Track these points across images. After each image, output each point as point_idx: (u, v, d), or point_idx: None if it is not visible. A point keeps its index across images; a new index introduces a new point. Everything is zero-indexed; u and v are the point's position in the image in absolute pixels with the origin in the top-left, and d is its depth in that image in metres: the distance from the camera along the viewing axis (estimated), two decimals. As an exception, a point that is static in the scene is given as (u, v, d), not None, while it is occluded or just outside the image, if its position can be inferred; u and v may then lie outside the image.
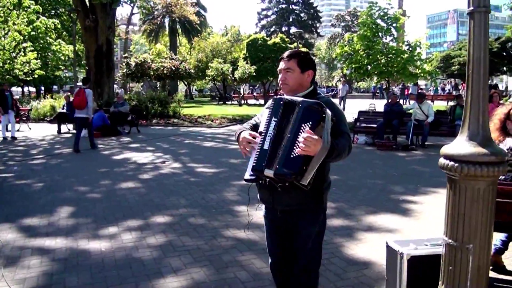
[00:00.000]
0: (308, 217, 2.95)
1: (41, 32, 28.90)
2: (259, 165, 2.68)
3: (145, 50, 67.64)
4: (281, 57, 3.04)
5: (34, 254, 4.99)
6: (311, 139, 2.50)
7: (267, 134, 2.71)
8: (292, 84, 2.94)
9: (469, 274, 2.81)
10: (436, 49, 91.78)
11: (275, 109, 2.76)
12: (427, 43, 20.36)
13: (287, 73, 2.94)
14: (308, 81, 2.98)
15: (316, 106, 2.62)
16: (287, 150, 2.59)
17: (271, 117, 2.74)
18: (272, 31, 68.32)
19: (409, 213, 6.49)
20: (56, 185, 8.45)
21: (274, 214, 3.01)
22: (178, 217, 6.28)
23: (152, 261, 4.72)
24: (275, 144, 2.66)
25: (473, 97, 2.84)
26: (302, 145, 2.51)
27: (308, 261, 3.02)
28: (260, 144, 2.71)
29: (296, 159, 2.56)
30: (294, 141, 2.58)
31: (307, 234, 2.97)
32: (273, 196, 2.90)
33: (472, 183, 2.77)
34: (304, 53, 3.05)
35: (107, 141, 15.20)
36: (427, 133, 12.80)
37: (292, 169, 2.56)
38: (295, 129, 2.60)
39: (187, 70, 35.94)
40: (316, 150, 2.54)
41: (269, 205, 3.02)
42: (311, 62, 3.02)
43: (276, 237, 3.13)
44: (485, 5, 2.75)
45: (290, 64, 2.94)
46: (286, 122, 2.67)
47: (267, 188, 2.89)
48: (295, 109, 2.65)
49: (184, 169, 10.00)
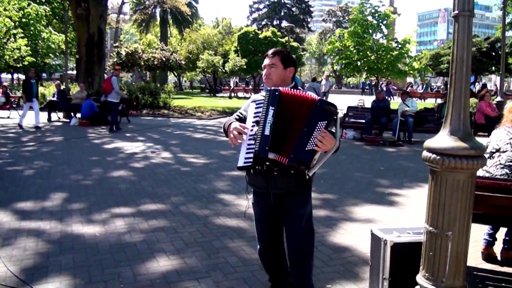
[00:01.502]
0: (300, 199, 3.16)
1: (32, 18, 28.77)
2: (262, 149, 2.83)
3: (135, 40, 67.33)
4: (265, 54, 3.27)
5: (29, 236, 5.12)
6: (329, 138, 2.77)
7: (266, 121, 2.86)
8: (276, 79, 3.16)
9: (448, 260, 3.00)
10: (427, 47, 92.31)
11: (271, 98, 2.91)
12: (415, 40, 20.57)
13: (271, 69, 3.18)
14: (290, 77, 3.22)
15: (332, 107, 2.87)
16: (302, 142, 2.79)
17: (268, 106, 2.90)
18: (263, 25, 68.38)
19: (393, 205, 6.71)
20: (48, 172, 8.55)
21: (267, 200, 3.15)
22: (170, 205, 6.43)
23: (145, 245, 4.87)
24: (278, 131, 2.84)
25: (455, 94, 3.03)
26: (319, 142, 2.75)
27: (302, 243, 3.21)
28: (261, 130, 2.86)
29: (310, 152, 2.79)
30: (310, 135, 2.79)
31: (301, 215, 3.16)
32: (268, 181, 3.06)
33: (453, 175, 2.96)
34: (287, 51, 3.31)
35: (97, 130, 15.26)
36: (412, 129, 13.02)
37: (306, 161, 2.80)
38: (311, 125, 2.80)
39: (178, 61, 35.96)
40: (330, 147, 2.80)
41: (263, 190, 3.14)
42: (293, 60, 3.26)
43: (265, 224, 3.30)
44: (469, 9, 2.93)
45: (274, 60, 3.17)
46: (289, 112, 2.88)
47: (261, 174, 3.05)
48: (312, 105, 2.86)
49: (175, 159, 10.13)
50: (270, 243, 3.36)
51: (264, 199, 3.18)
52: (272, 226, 3.30)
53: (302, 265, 3.26)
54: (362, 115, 14.50)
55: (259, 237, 3.36)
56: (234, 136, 2.95)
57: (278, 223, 3.29)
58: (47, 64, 37.88)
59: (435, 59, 44.67)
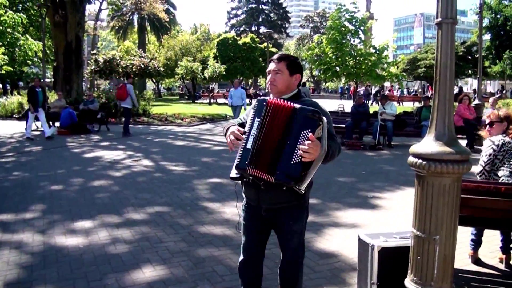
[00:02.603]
0: (294, 214, 3.06)
1: (8, 26, 28.35)
2: (242, 163, 2.77)
3: (113, 47, 66.92)
4: (270, 59, 3.11)
5: (12, 249, 5.03)
6: (313, 145, 2.60)
7: (250, 133, 2.79)
8: (281, 86, 3.00)
9: (436, 263, 3.03)
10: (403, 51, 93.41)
11: (258, 109, 2.83)
12: (394, 46, 20.83)
13: (276, 75, 3.00)
14: (295, 84, 3.06)
15: (313, 113, 2.70)
16: (287, 156, 2.66)
17: (254, 117, 2.82)
18: (241, 31, 68.58)
19: (376, 208, 6.76)
20: (28, 183, 8.42)
21: (257, 212, 3.08)
22: (153, 214, 6.38)
23: (131, 256, 4.82)
24: (260, 144, 2.74)
25: (439, 99, 3.07)
26: (304, 147, 2.59)
27: (294, 257, 3.18)
28: (244, 143, 2.79)
29: (296, 165, 2.65)
30: (294, 148, 2.64)
31: (292, 232, 3.09)
32: (259, 194, 2.97)
33: (439, 179, 3.00)
34: (294, 57, 3.13)
35: (76, 139, 15.07)
36: (391, 133, 13.13)
37: (292, 176, 2.67)
38: (295, 136, 2.66)
39: (156, 68, 35.79)
40: (317, 155, 2.65)
41: (255, 203, 3.07)
42: (300, 66, 3.10)
43: (254, 235, 3.21)
44: (452, 16, 2.98)
45: (280, 66, 3.00)
46: (277, 125, 2.74)
47: (252, 186, 2.98)
48: (293, 116, 2.71)
49: (156, 167, 10.06)
50: (254, 255, 3.27)
51: (255, 211, 3.11)
52: (260, 239, 3.24)
53: (292, 279, 3.24)
54: (342, 120, 14.59)
55: (245, 247, 3.25)
56: (231, 141, 2.88)
57: (266, 236, 3.25)
58: (24, 72, 37.40)
59: (412, 64, 45.28)
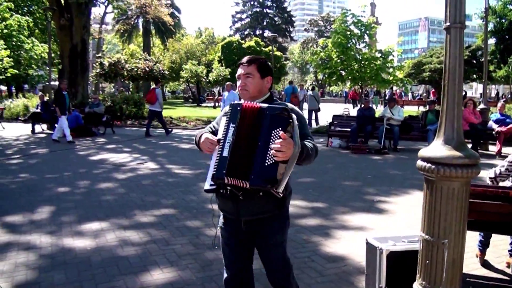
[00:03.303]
0: (275, 225, 2.88)
1: (14, 29, 28.53)
2: (219, 173, 2.60)
3: (118, 50, 67.09)
4: (240, 63, 2.95)
5: (20, 251, 5.06)
6: (284, 143, 2.43)
7: (225, 140, 2.64)
8: (252, 90, 2.87)
9: (445, 267, 3.03)
10: (408, 55, 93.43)
11: (232, 115, 2.67)
12: (400, 50, 20.83)
13: (247, 79, 2.86)
14: (267, 87, 2.94)
15: (282, 111, 2.55)
16: (260, 159, 2.50)
17: (229, 123, 2.66)
18: (246, 34, 68.70)
19: (383, 212, 6.75)
20: (35, 185, 8.45)
21: (237, 226, 2.89)
22: (160, 217, 6.40)
23: (138, 259, 4.84)
24: (236, 151, 2.59)
25: (448, 104, 3.07)
26: (277, 147, 2.43)
27: (281, 266, 2.98)
28: (220, 151, 2.64)
29: (270, 167, 2.49)
30: (266, 149, 2.49)
31: (277, 244, 2.92)
32: (238, 206, 2.77)
33: (448, 183, 3.00)
34: (263, 59, 2.99)
35: (82, 141, 15.13)
36: (397, 137, 13.13)
37: (268, 178, 2.49)
38: (265, 137, 2.51)
39: (161, 71, 35.85)
40: (290, 154, 2.48)
41: (233, 216, 2.88)
42: (270, 69, 2.97)
43: (235, 250, 3.00)
44: (460, 21, 2.99)
45: (250, 70, 2.86)
46: (252, 130, 2.58)
47: (229, 198, 2.76)
48: (262, 116, 2.57)
49: (162, 170, 10.09)
50: (239, 271, 3.05)
51: (234, 225, 2.91)
52: (242, 253, 3.01)
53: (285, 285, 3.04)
54: (347, 124, 14.60)
55: (227, 264, 3.06)
56: (208, 148, 2.75)
57: (249, 249, 3.03)
58: (30, 75, 37.54)
59: (417, 67, 45.22)
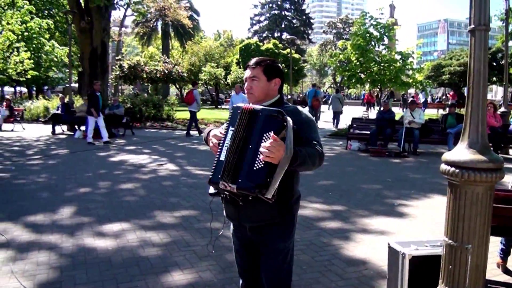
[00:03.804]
0: (277, 232, 2.74)
1: (35, 32, 28.93)
2: (215, 177, 2.52)
3: (137, 52, 67.64)
4: (247, 65, 2.86)
5: (41, 250, 5.13)
6: (274, 144, 2.32)
7: (224, 144, 2.55)
8: (258, 94, 2.76)
9: (468, 272, 3.01)
10: (427, 58, 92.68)
11: (232, 118, 2.58)
12: (419, 52, 20.69)
13: (252, 82, 2.76)
14: (275, 89, 2.81)
15: (277, 114, 2.43)
16: (249, 162, 2.41)
17: (229, 126, 2.58)
18: (264, 37, 68.75)
19: (404, 216, 6.70)
20: (56, 186, 8.56)
21: (243, 232, 2.83)
22: (180, 218, 6.43)
23: (159, 259, 4.87)
24: (232, 155, 2.48)
25: (473, 107, 3.05)
26: (265, 151, 2.32)
27: (277, 279, 2.81)
28: (218, 155, 2.56)
29: (259, 171, 2.38)
30: (257, 152, 2.39)
31: (277, 250, 2.77)
32: (239, 211, 2.70)
33: (472, 188, 2.98)
34: (271, 60, 2.86)
35: (101, 142, 15.27)
36: (417, 140, 13.02)
37: (255, 182, 2.37)
38: (257, 139, 2.42)
39: (180, 73, 36.08)
40: (280, 157, 2.34)
41: (236, 222, 2.84)
42: (278, 70, 2.83)
43: (246, 257, 2.94)
44: (485, 23, 2.97)
45: (256, 72, 2.76)
46: (245, 132, 2.49)
47: (231, 202, 2.69)
48: (256, 119, 2.47)
49: (181, 171, 10.14)
50: (253, 280, 2.97)
51: (241, 230, 2.85)
52: (254, 261, 2.90)
53: None
54: (367, 126, 14.54)
55: (240, 272, 3.03)
56: (214, 145, 2.65)
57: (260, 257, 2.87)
58: (50, 77, 38.02)
59: (436, 70, 44.84)
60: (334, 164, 10.92)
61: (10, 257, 4.93)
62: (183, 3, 57.14)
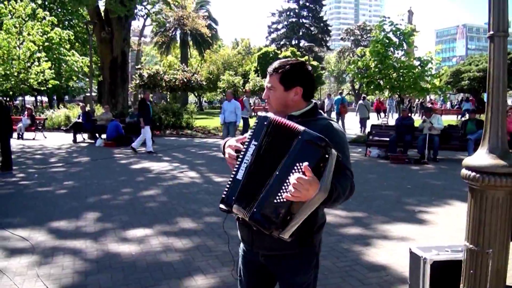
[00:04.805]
0: (294, 264, 2.37)
1: (55, 43, 29.43)
2: (229, 198, 2.16)
3: (156, 61, 68.33)
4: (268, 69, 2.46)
5: (66, 255, 5.25)
6: (304, 182, 1.90)
7: (243, 160, 2.16)
8: (275, 105, 2.38)
9: (489, 277, 3.03)
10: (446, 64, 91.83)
11: (257, 129, 2.19)
12: (439, 58, 20.58)
13: (269, 91, 2.39)
14: (296, 100, 2.36)
15: (319, 142, 2.00)
16: (270, 191, 2.01)
17: (251, 139, 2.18)
18: (282, 44, 68.82)
19: (424, 223, 6.69)
20: (78, 192, 8.71)
21: (255, 257, 2.47)
22: (202, 224, 6.52)
23: (182, 264, 4.96)
24: (251, 176, 2.11)
25: (493, 112, 3.09)
26: (291, 188, 1.92)
27: None
28: (235, 171, 2.18)
29: (280, 205, 1.99)
30: (282, 182, 1.99)
31: (295, 285, 2.41)
32: (253, 236, 2.35)
33: (492, 192, 3.01)
34: (291, 65, 2.37)
35: (123, 150, 15.47)
36: (437, 146, 12.95)
37: (271, 218, 2.01)
38: (286, 167, 2.00)
39: (199, 82, 36.36)
40: (309, 196, 1.93)
41: (249, 247, 2.46)
42: (300, 76, 2.37)
43: (253, 284, 2.59)
44: (504, 29, 3.01)
45: (272, 81, 2.37)
46: (271, 150, 2.11)
47: (245, 225, 2.32)
48: (292, 139, 2.05)
49: (202, 178, 10.24)
50: None
51: (252, 256, 2.49)
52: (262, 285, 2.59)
53: None
54: (386, 133, 14.51)
55: None
56: (229, 156, 2.31)
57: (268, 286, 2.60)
58: (70, 86, 38.58)
59: (455, 76, 44.43)
60: (354, 171, 10.87)
61: (35, 261, 5.06)
62: (201, 12, 57.76)
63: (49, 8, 34.43)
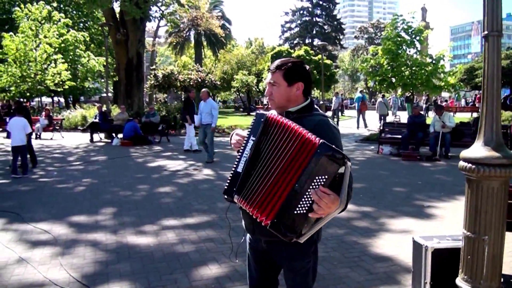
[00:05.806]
0: (293, 251, 2.54)
1: (71, 44, 29.91)
2: (230, 189, 2.35)
3: (170, 62, 68.79)
4: (268, 68, 2.72)
5: (87, 247, 5.54)
6: (328, 199, 2.05)
7: (243, 153, 2.34)
8: (278, 100, 2.54)
9: (485, 262, 3.23)
10: (460, 61, 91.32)
11: (254, 126, 2.36)
12: (450, 55, 20.61)
13: (272, 87, 2.55)
14: (298, 94, 2.54)
15: (337, 155, 2.07)
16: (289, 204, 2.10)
17: (250, 134, 2.36)
18: (295, 43, 68.94)
19: (431, 217, 6.87)
20: (97, 189, 9.01)
21: (258, 244, 2.66)
22: (217, 218, 6.76)
23: (197, 255, 5.21)
24: (251, 169, 2.28)
25: (487, 108, 3.29)
26: (315, 205, 2.06)
27: None
28: (235, 164, 2.36)
29: (299, 217, 2.11)
30: (303, 195, 2.08)
31: (294, 270, 2.60)
32: (254, 223, 2.46)
33: (487, 182, 3.22)
34: (292, 62, 2.56)
35: (139, 149, 15.78)
36: (449, 143, 13.03)
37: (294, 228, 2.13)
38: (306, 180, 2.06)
39: (213, 82, 36.62)
40: (331, 211, 2.10)
41: (250, 233, 2.68)
42: (301, 73, 2.55)
43: (259, 270, 2.79)
44: (497, 29, 3.21)
45: (275, 77, 2.53)
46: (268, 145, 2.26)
47: (247, 213, 2.37)
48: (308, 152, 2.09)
49: (216, 176, 10.49)
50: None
51: (256, 242, 2.70)
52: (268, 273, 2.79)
53: None
54: (398, 131, 14.64)
55: (251, 283, 2.87)
56: (237, 141, 2.51)
57: (274, 271, 2.79)
58: (86, 87, 39.13)
59: (469, 73, 44.18)
60: (366, 168, 11.10)
61: (58, 252, 5.35)
62: (215, 12, 58.01)
63: (64, 10, 34.98)
